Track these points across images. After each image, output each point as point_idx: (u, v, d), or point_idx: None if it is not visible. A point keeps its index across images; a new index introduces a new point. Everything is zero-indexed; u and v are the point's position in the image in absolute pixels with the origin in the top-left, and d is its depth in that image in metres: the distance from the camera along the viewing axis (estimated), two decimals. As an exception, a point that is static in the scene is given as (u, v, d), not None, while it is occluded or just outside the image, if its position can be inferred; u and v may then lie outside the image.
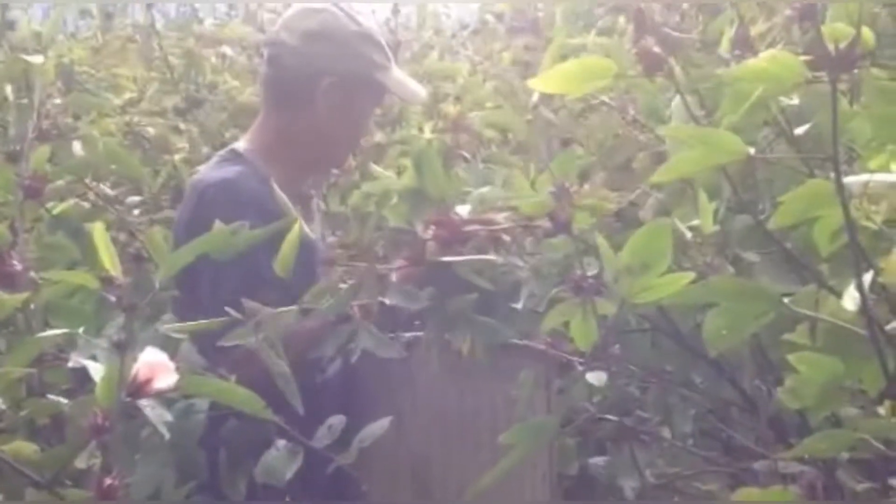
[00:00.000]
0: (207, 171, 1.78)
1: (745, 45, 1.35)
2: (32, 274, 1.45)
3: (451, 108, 2.57)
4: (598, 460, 1.60)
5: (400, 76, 1.85)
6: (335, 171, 2.08)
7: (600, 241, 1.11)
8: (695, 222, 1.32)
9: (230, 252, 1.37)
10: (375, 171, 1.77)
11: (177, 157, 2.87)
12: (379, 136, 2.43)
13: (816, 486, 0.95)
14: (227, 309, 1.28)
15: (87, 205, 1.69)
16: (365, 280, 1.24)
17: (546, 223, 1.22)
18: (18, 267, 1.33)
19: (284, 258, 1.31)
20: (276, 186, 1.72)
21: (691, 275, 1.09)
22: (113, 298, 0.99)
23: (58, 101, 1.92)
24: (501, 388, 1.51)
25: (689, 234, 1.31)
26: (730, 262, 1.32)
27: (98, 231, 1.02)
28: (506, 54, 2.98)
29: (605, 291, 1.21)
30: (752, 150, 0.96)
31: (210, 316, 1.47)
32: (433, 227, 1.29)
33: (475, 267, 1.27)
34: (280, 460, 1.19)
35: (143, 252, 1.47)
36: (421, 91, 1.91)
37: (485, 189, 1.35)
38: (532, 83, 1.11)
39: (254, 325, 1.21)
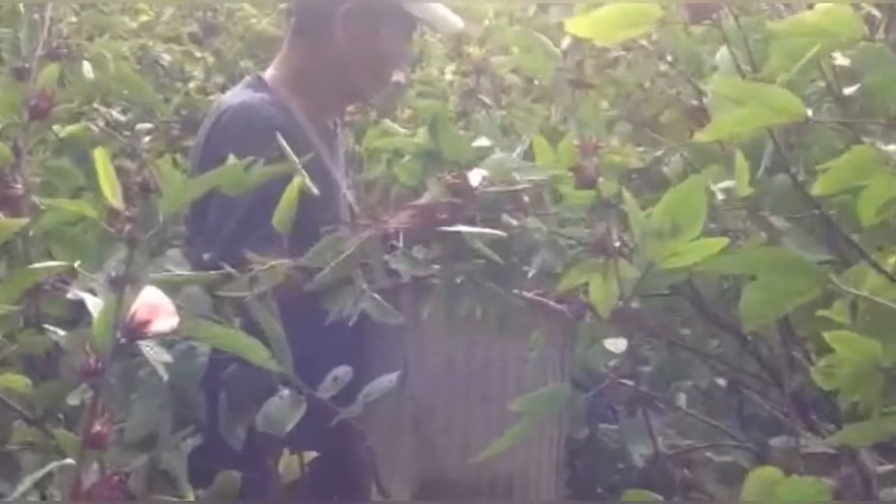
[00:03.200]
0: (230, 95, 1.73)
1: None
2: (34, 199, 1.39)
3: (474, 51, 2.50)
4: (608, 427, 1.54)
5: (431, 5, 1.73)
6: (359, 104, 2.00)
7: (628, 198, 1.05)
8: (726, 183, 1.25)
9: (242, 187, 1.31)
10: (388, 126, 1.69)
11: (191, 84, 2.81)
12: (398, 76, 2.36)
13: (854, 482, 0.90)
14: (221, 263, 1.21)
15: (95, 129, 1.62)
16: (369, 241, 1.18)
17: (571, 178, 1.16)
18: (20, 190, 1.27)
19: (284, 209, 1.24)
20: (298, 115, 1.66)
21: (725, 240, 1.02)
22: (114, 230, 0.94)
23: (73, 19, 1.85)
24: (514, 343, 1.45)
25: (720, 196, 1.25)
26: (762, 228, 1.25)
27: (101, 157, 0.96)
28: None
29: (628, 253, 1.15)
30: (810, 112, 0.88)
31: (216, 250, 1.43)
32: (446, 190, 1.21)
33: (485, 238, 1.20)
34: (282, 410, 1.14)
35: (152, 182, 1.40)
36: (457, 20, 1.79)
37: (502, 155, 1.27)
38: (567, 25, 1.04)
39: (248, 279, 1.15)
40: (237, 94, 1.69)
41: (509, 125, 2.26)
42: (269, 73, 1.74)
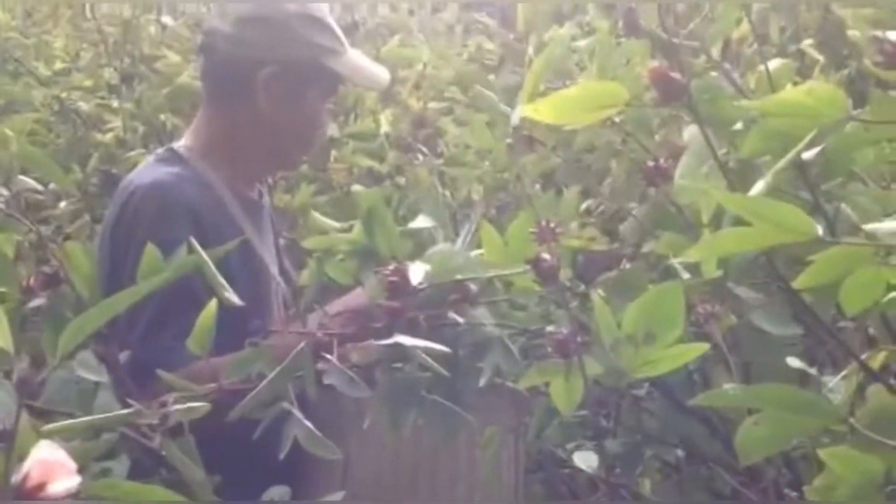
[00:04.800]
0: (139, 172, 1.56)
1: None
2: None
3: (412, 101, 2.39)
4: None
5: (356, 60, 1.61)
6: (289, 170, 1.87)
7: (597, 302, 0.93)
8: (689, 256, 1.15)
9: (159, 281, 1.17)
10: (318, 220, 1.56)
11: (108, 135, 2.65)
12: (331, 129, 2.24)
13: None
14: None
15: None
16: (301, 354, 1.05)
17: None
18: None
19: (200, 333, 1.10)
20: (218, 191, 1.52)
21: (704, 346, 0.92)
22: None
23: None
24: (465, 429, 1.34)
25: (685, 275, 1.15)
26: (725, 300, 1.16)
27: None
28: (471, 42, 2.80)
29: (593, 351, 1.05)
30: (821, 230, 0.78)
31: (131, 349, 1.29)
32: (383, 290, 1.10)
33: (431, 352, 1.08)
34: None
35: (61, 272, 1.26)
36: (383, 75, 1.66)
37: (443, 247, 1.16)
38: (524, 111, 0.92)
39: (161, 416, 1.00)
40: (148, 171, 1.54)
41: (450, 180, 2.16)
42: (182, 144, 1.58)
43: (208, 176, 1.53)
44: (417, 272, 1.12)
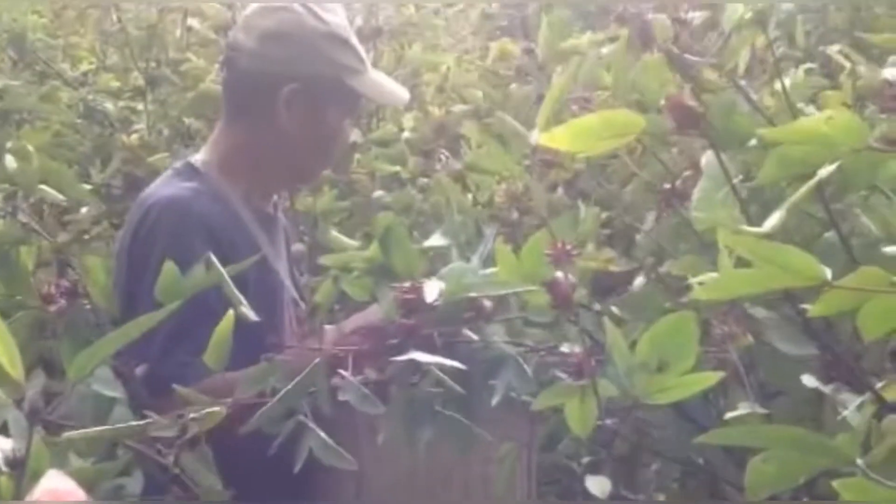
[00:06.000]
0: (156, 187, 1.56)
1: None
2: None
3: (433, 107, 2.38)
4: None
5: (376, 78, 1.63)
6: (308, 185, 1.87)
7: (610, 330, 0.93)
8: (707, 275, 1.14)
9: (177, 296, 1.18)
10: (335, 238, 1.56)
11: (133, 137, 2.66)
12: (354, 134, 2.24)
13: None
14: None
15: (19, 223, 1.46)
16: (315, 370, 1.05)
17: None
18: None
19: (216, 348, 1.11)
20: (236, 206, 1.52)
21: (718, 375, 0.91)
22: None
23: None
24: (479, 446, 1.34)
25: (702, 296, 1.14)
26: (742, 321, 1.15)
27: None
28: (493, 44, 2.78)
29: (608, 371, 1.04)
30: (829, 273, 0.77)
31: (148, 363, 1.30)
32: (399, 308, 1.10)
33: (444, 367, 1.08)
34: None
35: (80, 286, 1.27)
36: (402, 93, 1.69)
37: (458, 265, 1.16)
38: (541, 140, 0.92)
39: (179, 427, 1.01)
40: (165, 186, 1.54)
41: (473, 185, 2.15)
42: (199, 158, 1.58)
43: (225, 190, 1.53)
44: (432, 290, 1.12)
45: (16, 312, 1.33)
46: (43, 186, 1.36)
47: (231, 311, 1.15)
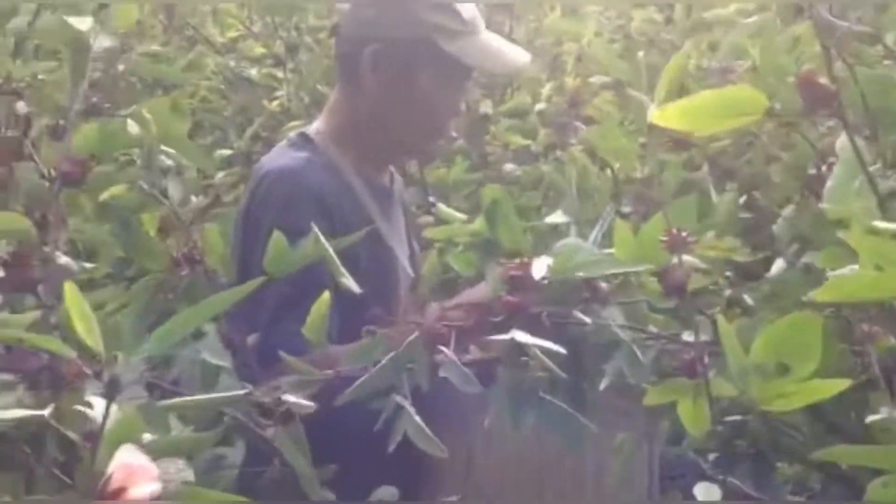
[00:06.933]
0: (270, 157, 1.54)
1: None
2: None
3: (569, 79, 2.31)
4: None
5: (483, 43, 1.48)
6: (418, 159, 1.80)
7: (723, 328, 0.86)
8: (849, 268, 1.04)
9: (287, 267, 1.17)
10: (443, 210, 1.51)
11: (274, 104, 2.70)
12: (484, 106, 2.19)
13: None
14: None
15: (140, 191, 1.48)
16: (414, 344, 1.02)
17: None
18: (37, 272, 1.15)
19: (315, 321, 1.08)
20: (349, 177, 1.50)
21: (846, 382, 0.83)
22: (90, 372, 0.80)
23: (120, 67, 1.71)
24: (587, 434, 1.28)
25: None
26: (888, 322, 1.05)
27: (70, 291, 0.78)
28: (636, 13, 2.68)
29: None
30: None
31: (258, 322, 1.30)
32: (505, 284, 1.04)
33: (549, 351, 1.03)
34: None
35: (197, 253, 1.27)
36: (516, 59, 1.52)
37: (571, 241, 1.09)
38: (655, 119, 0.85)
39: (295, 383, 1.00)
40: (278, 157, 1.52)
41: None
42: (314, 128, 1.55)
43: (337, 161, 1.50)
44: (540, 266, 1.06)
45: (140, 278, 1.35)
46: (164, 149, 1.36)
47: (332, 288, 1.12)
